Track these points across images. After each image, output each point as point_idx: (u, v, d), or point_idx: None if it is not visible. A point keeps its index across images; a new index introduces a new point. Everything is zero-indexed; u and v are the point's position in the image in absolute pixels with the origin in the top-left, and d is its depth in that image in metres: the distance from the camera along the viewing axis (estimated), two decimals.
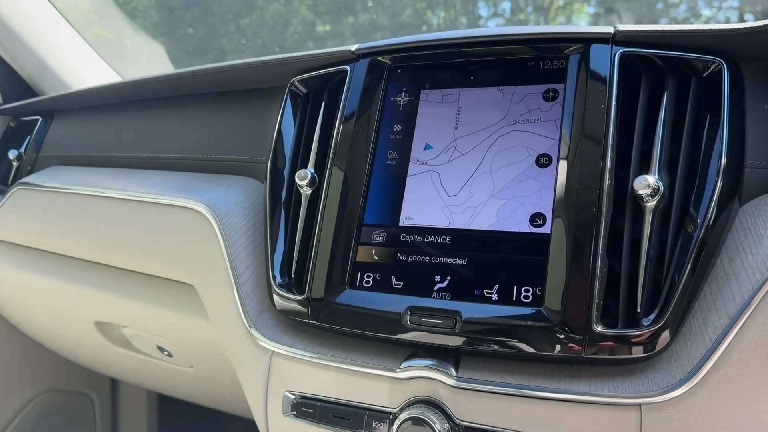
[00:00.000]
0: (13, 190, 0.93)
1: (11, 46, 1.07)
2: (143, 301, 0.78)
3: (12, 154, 1.03)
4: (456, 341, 0.53)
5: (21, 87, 1.13)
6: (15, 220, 0.91)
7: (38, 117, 1.05)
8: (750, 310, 0.47)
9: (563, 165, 0.54)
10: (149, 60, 1.83)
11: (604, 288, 0.50)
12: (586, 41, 0.57)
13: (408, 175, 0.60)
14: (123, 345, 0.92)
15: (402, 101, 0.64)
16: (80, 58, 1.13)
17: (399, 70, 0.65)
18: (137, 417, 1.32)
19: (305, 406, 0.58)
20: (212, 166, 0.79)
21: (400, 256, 0.58)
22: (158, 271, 0.74)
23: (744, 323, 0.47)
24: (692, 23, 0.57)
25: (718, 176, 0.51)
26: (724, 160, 0.51)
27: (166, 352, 0.87)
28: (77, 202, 0.82)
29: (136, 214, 0.75)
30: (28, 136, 1.04)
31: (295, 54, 0.70)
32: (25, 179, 0.94)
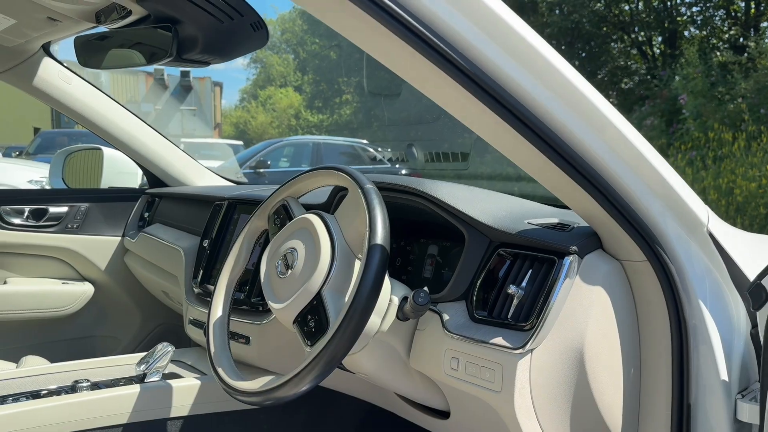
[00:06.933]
0: (140, 233, 2.18)
1: (153, 161, 2.32)
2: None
3: (146, 214, 2.30)
4: None
5: (155, 179, 2.39)
6: (141, 246, 2.17)
7: (156, 198, 2.30)
8: None
9: None
10: None
11: None
12: None
13: None
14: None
15: (235, 218, 1.70)
16: (180, 171, 2.35)
17: (236, 206, 1.72)
18: None
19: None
20: None
21: None
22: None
23: None
24: None
25: None
26: None
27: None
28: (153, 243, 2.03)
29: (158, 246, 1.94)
30: (153, 206, 2.30)
31: (216, 194, 1.81)
32: (145, 229, 2.19)
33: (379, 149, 11.46)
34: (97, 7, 1.39)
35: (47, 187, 9.02)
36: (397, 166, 10.45)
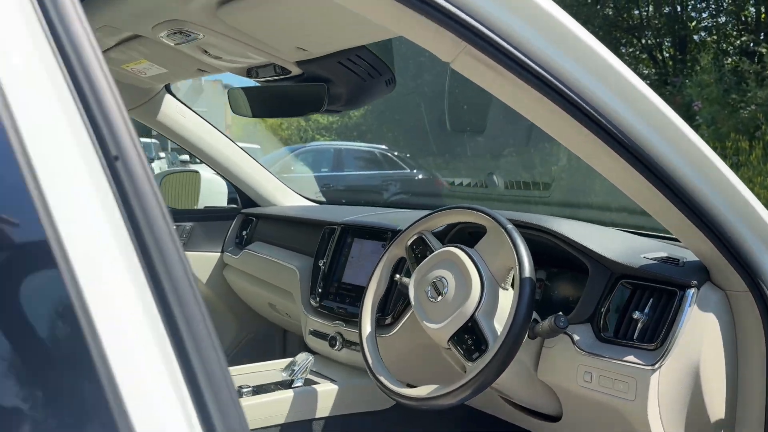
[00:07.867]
0: (243, 251, 2.42)
1: (248, 183, 2.55)
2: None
3: (243, 233, 2.53)
4: None
5: (248, 199, 2.62)
6: (245, 262, 2.39)
7: (253, 218, 2.53)
8: None
9: None
10: None
11: None
12: None
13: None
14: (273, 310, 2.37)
15: (349, 241, 1.93)
16: (270, 191, 2.58)
17: (349, 230, 1.95)
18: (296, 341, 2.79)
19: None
20: None
21: None
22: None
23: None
24: None
25: None
26: None
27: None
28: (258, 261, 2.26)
29: (268, 264, 2.17)
30: (250, 225, 2.53)
31: (326, 219, 2.04)
32: (248, 247, 2.42)
33: (396, 153, 11.70)
34: (252, 65, 1.61)
35: None
36: (415, 170, 10.70)
